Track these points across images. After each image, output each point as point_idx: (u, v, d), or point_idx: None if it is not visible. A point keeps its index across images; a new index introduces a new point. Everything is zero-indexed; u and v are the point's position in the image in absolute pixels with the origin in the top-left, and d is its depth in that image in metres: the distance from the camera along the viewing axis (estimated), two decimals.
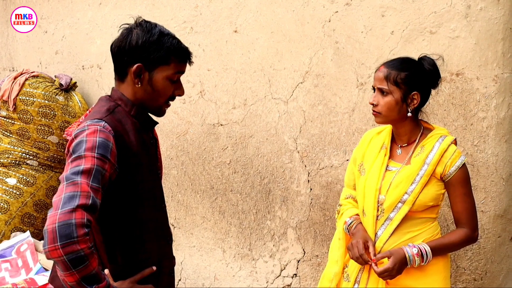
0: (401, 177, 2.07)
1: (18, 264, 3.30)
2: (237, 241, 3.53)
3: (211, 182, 3.62)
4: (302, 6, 3.02)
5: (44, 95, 4.16)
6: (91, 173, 1.56)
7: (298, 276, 3.25)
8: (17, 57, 5.22)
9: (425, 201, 2.05)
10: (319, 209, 3.10)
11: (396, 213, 2.08)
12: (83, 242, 1.46)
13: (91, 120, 1.72)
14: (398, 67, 2.05)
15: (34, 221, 4.12)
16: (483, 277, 2.61)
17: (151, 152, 1.89)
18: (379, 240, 2.11)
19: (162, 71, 1.79)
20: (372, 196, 2.13)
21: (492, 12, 2.40)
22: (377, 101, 2.07)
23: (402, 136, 2.14)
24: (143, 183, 1.79)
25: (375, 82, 2.09)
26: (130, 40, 1.76)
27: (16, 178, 4.10)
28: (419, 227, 2.09)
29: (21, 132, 4.18)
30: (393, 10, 2.67)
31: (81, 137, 1.64)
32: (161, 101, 1.84)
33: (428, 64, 2.07)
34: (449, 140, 2.05)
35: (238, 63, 3.37)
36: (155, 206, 1.88)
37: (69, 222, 1.45)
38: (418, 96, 2.05)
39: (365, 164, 2.23)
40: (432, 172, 2.04)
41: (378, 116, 2.09)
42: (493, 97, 2.45)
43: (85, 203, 1.49)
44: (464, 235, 2.06)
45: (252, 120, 3.34)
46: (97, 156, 1.60)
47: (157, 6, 3.77)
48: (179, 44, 1.82)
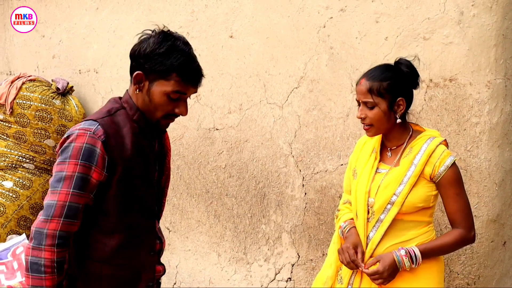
0: (390, 179, 2.08)
1: (13, 267, 3.29)
2: (232, 245, 3.54)
3: (207, 186, 3.63)
4: (297, 12, 3.05)
5: (41, 99, 4.17)
6: (72, 180, 1.68)
7: (293, 280, 3.26)
8: (15, 61, 5.24)
9: (414, 202, 2.05)
10: (313, 213, 3.11)
11: (386, 215, 2.08)
12: (48, 252, 1.64)
13: (86, 121, 1.76)
14: (379, 77, 2.04)
15: (30, 224, 4.12)
16: (476, 282, 2.62)
17: (149, 159, 1.87)
18: (371, 242, 2.11)
19: (161, 85, 1.76)
20: (362, 199, 2.15)
21: (485, 18, 2.43)
22: (365, 114, 2.07)
23: (391, 140, 2.15)
24: (133, 187, 1.80)
25: (359, 96, 2.08)
26: (141, 47, 1.77)
27: (12, 181, 4.11)
28: (412, 232, 2.08)
29: (17, 136, 4.18)
30: (387, 16, 2.69)
31: (70, 140, 1.71)
32: (158, 115, 1.81)
33: (406, 67, 2.08)
34: (438, 141, 2.05)
35: (234, 68, 3.38)
36: (142, 213, 1.87)
37: (41, 231, 1.65)
38: (403, 101, 2.06)
39: (357, 169, 2.25)
40: (420, 173, 2.04)
41: (370, 130, 2.10)
42: (486, 102, 2.46)
43: (60, 213, 1.66)
44: (458, 236, 2.05)
45: (247, 125, 3.35)
46: (80, 163, 1.68)
47: (153, 11, 3.79)
48: (187, 63, 1.76)
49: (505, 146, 2.52)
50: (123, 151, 1.75)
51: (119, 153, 1.74)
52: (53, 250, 1.64)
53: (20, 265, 3.32)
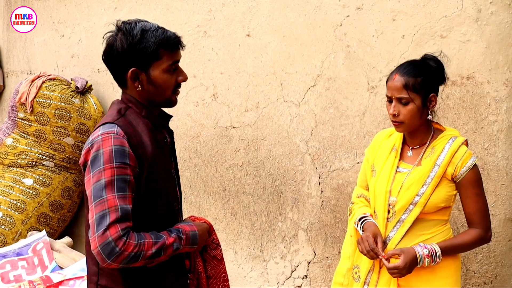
0: (412, 179, 2.07)
1: (34, 262, 3.36)
2: (248, 242, 3.56)
3: (223, 184, 3.66)
4: (314, 10, 3.06)
5: (60, 97, 4.23)
6: (114, 184, 1.66)
7: (309, 277, 3.27)
8: (35, 61, 5.32)
9: (436, 203, 2.05)
10: (329, 211, 3.12)
11: (408, 215, 2.07)
12: (127, 249, 1.63)
13: (103, 125, 1.76)
14: (413, 72, 2.02)
15: (49, 221, 4.20)
16: (493, 281, 2.61)
17: (165, 151, 1.91)
18: (391, 242, 2.11)
19: (157, 67, 1.78)
20: (382, 198, 2.13)
21: (503, 16, 2.41)
22: (398, 110, 2.03)
23: (415, 139, 2.13)
24: (157, 181, 1.82)
25: (392, 92, 2.04)
26: (116, 48, 1.77)
27: (32, 179, 4.18)
28: (431, 230, 2.09)
29: (37, 134, 4.26)
30: (404, 14, 2.69)
31: (96, 148, 1.70)
32: (168, 94, 1.84)
33: (434, 62, 2.07)
34: (460, 141, 2.05)
35: (251, 66, 3.41)
36: (168, 205, 1.90)
37: (108, 241, 1.62)
38: (435, 97, 2.05)
39: (375, 166, 2.23)
40: (443, 173, 2.03)
41: (401, 126, 2.06)
42: (504, 100, 2.45)
43: (116, 218, 1.63)
44: (476, 236, 2.05)
45: (264, 123, 3.37)
46: (116, 165, 1.67)
47: (171, 10, 3.83)
48: (164, 34, 1.78)
49: None
50: (144, 148, 1.77)
51: (142, 150, 1.76)
52: (129, 243, 1.64)
53: (40, 261, 3.38)
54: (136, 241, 1.66)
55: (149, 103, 1.85)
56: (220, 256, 2.10)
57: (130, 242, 1.64)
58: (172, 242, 1.76)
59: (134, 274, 1.80)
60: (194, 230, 1.87)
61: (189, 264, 2.00)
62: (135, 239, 1.66)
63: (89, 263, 1.88)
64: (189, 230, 1.85)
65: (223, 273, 2.11)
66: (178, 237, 1.79)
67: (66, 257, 3.38)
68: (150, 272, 1.82)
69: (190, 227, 1.87)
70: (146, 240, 1.69)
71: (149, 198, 1.80)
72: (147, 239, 1.70)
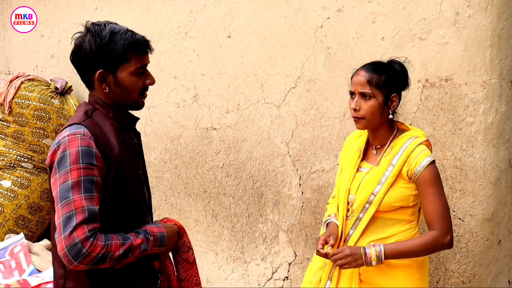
0: (368, 178, 2.10)
1: (11, 266, 3.31)
2: (229, 244, 3.56)
3: (204, 186, 3.64)
4: (295, 12, 3.07)
5: (39, 98, 4.18)
6: (80, 185, 1.65)
7: (290, 278, 3.27)
8: (13, 61, 5.25)
9: (390, 202, 2.06)
10: (310, 212, 3.13)
11: (364, 214, 2.11)
12: (94, 250, 1.62)
13: (69, 126, 1.75)
14: (378, 70, 2.08)
15: (28, 223, 4.14)
16: (471, 280, 2.64)
17: (132, 152, 1.91)
18: (351, 240, 2.14)
19: (125, 70, 1.78)
20: (343, 196, 2.18)
21: (480, 19, 2.45)
22: (359, 105, 2.07)
23: (377, 138, 2.17)
24: (125, 181, 1.81)
25: (356, 87, 2.09)
26: (84, 49, 1.76)
27: (10, 181, 4.12)
28: (391, 229, 2.10)
29: (16, 135, 4.20)
30: (384, 16, 2.71)
31: (63, 149, 1.69)
32: (135, 96, 1.83)
33: (398, 66, 2.13)
34: (418, 141, 2.06)
35: (232, 68, 3.40)
36: (136, 205, 1.90)
37: (75, 243, 1.60)
38: (397, 98, 2.10)
39: (342, 165, 2.28)
40: (398, 173, 2.05)
41: (361, 122, 2.10)
42: (481, 102, 2.49)
43: (83, 218, 1.62)
44: (431, 238, 2.00)
45: (245, 124, 3.37)
46: (83, 166, 1.67)
47: (152, 11, 3.81)
48: (133, 37, 1.78)
49: (500, 145, 2.54)
50: (112, 148, 1.77)
51: (109, 151, 1.75)
52: (97, 245, 1.63)
53: (18, 264, 3.33)
54: (103, 242, 1.65)
55: (116, 105, 1.85)
56: (192, 259, 2.10)
57: (97, 243, 1.63)
58: (139, 243, 1.75)
59: (101, 276, 1.79)
60: (162, 231, 1.86)
61: (159, 265, 1.98)
62: (102, 240, 1.65)
63: (56, 266, 1.86)
64: (157, 231, 1.85)
65: (195, 276, 2.10)
66: (145, 238, 1.78)
67: (44, 260, 3.34)
68: (117, 274, 1.80)
69: (158, 228, 1.87)
70: (114, 241, 1.68)
71: (117, 199, 1.80)
72: (115, 240, 1.69)
